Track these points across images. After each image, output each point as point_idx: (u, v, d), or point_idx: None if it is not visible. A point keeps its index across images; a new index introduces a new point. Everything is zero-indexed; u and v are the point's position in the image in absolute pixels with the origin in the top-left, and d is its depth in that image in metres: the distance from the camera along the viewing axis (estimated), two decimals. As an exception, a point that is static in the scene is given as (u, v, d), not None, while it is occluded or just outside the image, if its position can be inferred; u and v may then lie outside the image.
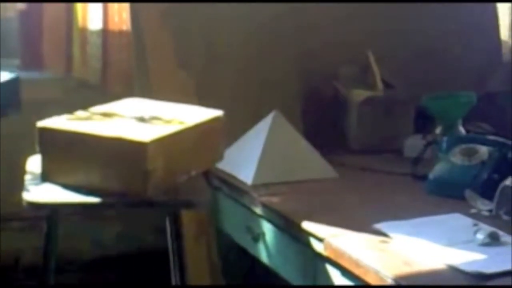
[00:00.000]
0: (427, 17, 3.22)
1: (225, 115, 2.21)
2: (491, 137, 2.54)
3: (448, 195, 2.36)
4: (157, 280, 2.82)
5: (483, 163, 2.41)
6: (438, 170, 2.47)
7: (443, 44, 3.24)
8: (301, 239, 2.23)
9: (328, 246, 2.09)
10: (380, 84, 2.95)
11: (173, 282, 2.26)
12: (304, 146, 2.63)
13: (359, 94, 2.94)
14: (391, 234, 2.07)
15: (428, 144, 2.72)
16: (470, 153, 2.44)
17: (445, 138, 2.56)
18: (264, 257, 2.48)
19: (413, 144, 2.80)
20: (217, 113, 2.21)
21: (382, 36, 3.13)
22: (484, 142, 2.48)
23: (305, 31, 3.05)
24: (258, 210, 2.46)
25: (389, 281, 1.84)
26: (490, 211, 2.23)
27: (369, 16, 3.15)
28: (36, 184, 2.04)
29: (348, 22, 3.12)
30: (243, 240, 2.62)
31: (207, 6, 2.94)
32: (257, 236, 2.48)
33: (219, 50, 2.97)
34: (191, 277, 2.73)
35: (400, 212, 2.24)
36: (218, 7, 2.95)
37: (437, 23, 3.24)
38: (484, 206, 2.26)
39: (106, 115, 2.15)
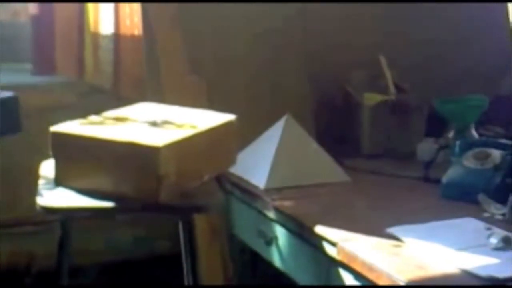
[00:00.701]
0: (438, 20, 3.22)
1: (237, 119, 2.21)
2: (504, 141, 2.54)
3: (461, 199, 2.36)
4: (171, 284, 2.83)
5: (496, 166, 2.40)
6: (450, 174, 2.47)
7: (454, 48, 3.24)
8: (314, 243, 2.23)
9: (341, 250, 2.08)
10: (392, 88, 2.95)
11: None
12: (316, 150, 2.63)
13: (371, 98, 2.94)
14: (403, 238, 2.06)
15: (441, 148, 2.72)
16: (482, 157, 2.44)
17: (457, 142, 2.56)
18: (276, 261, 2.48)
19: (426, 148, 2.80)
20: (229, 117, 2.21)
21: (393, 39, 3.13)
22: (496, 146, 2.48)
23: (316, 35, 3.06)
24: (271, 214, 2.46)
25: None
26: (503, 215, 2.22)
27: (380, 20, 3.15)
28: (50, 188, 2.05)
29: (359, 26, 3.12)
30: (255, 244, 2.62)
31: (218, 10, 2.95)
32: (270, 240, 2.48)
33: (230, 54, 2.98)
34: (204, 280, 2.74)
35: (413, 216, 2.24)
36: (229, 12, 2.95)
37: (448, 26, 3.24)
38: (497, 210, 2.25)
39: (118, 119, 2.15)
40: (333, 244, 2.12)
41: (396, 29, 3.16)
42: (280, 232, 2.44)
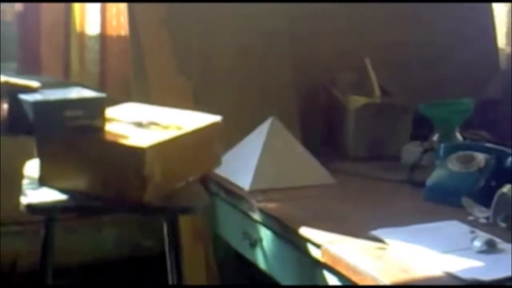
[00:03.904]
0: (424, 25, 3.23)
1: (223, 120, 2.21)
2: (488, 144, 2.55)
3: (445, 202, 2.36)
4: (155, 285, 2.83)
5: (480, 170, 2.41)
6: (435, 177, 2.47)
7: (440, 52, 3.24)
8: (299, 245, 2.23)
9: (325, 253, 2.09)
10: (377, 91, 2.96)
11: (170, 287, 2.26)
12: (301, 152, 2.64)
13: (357, 101, 2.94)
14: (388, 241, 2.07)
15: (425, 151, 2.72)
16: (467, 160, 2.45)
17: (442, 145, 2.57)
18: (261, 262, 2.48)
19: (411, 150, 2.80)
20: (215, 118, 2.21)
21: (380, 43, 3.14)
22: (481, 149, 2.48)
23: (303, 38, 3.06)
24: (256, 215, 2.46)
25: (386, 288, 1.85)
26: (487, 218, 2.23)
27: (367, 23, 3.16)
28: (34, 188, 2.05)
29: (346, 29, 3.13)
30: (240, 245, 2.62)
31: (206, 12, 2.95)
32: (255, 242, 2.48)
33: (217, 55, 2.98)
34: (188, 281, 2.73)
35: (397, 218, 2.24)
36: (216, 13, 2.95)
37: (435, 31, 3.25)
38: (481, 213, 2.26)
39: (104, 120, 2.14)
40: (318, 246, 2.12)
41: (383, 34, 3.17)
42: (264, 234, 2.44)
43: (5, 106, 1.97)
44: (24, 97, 1.94)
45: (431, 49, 3.23)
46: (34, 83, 2.04)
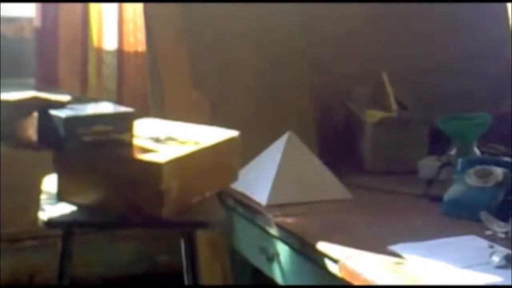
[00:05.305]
0: (441, 38, 3.23)
1: (240, 135, 2.22)
2: (506, 159, 2.54)
3: (463, 216, 2.35)
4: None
5: (498, 184, 2.40)
6: (453, 191, 2.46)
7: (457, 65, 3.24)
8: (316, 260, 2.22)
9: (343, 268, 2.08)
10: (394, 105, 2.95)
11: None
12: (318, 166, 2.63)
13: (373, 115, 2.94)
14: (406, 256, 2.06)
15: (443, 165, 2.71)
16: (485, 175, 2.44)
17: (460, 160, 2.56)
18: (278, 277, 2.47)
19: (428, 165, 2.80)
20: (232, 133, 2.21)
21: (396, 56, 3.14)
22: (499, 164, 2.47)
23: (319, 52, 3.06)
24: (273, 230, 2.45)
25: (404, 303, 1.84)
26: (506, 233, 2.21)
27: (383, 37, 3.16)
28: (52, 203, 2.05)
29: (362, 43, 3.13)
30: (257, 260, 2.62)
31: (222, 26, 2.96)
32: (272, 257, 2.48)
33: (233, 71, 2.98)
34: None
35: (415, 233, 2.23)
36: (233, 28, 2.96)
37: (452, 44, 3.24)
38: (499, 228, 2.25)
39: (121, 135, 2.15)
40: (335, 261, 2.11)
41: (399, 47, 3.17)
42: (282, 249, 2.44)
43: (34, 121, 1.98)
44: (54, 112, 1.94)
45: (447, 62, 3.22)
46: (65, 97, 2.05)
